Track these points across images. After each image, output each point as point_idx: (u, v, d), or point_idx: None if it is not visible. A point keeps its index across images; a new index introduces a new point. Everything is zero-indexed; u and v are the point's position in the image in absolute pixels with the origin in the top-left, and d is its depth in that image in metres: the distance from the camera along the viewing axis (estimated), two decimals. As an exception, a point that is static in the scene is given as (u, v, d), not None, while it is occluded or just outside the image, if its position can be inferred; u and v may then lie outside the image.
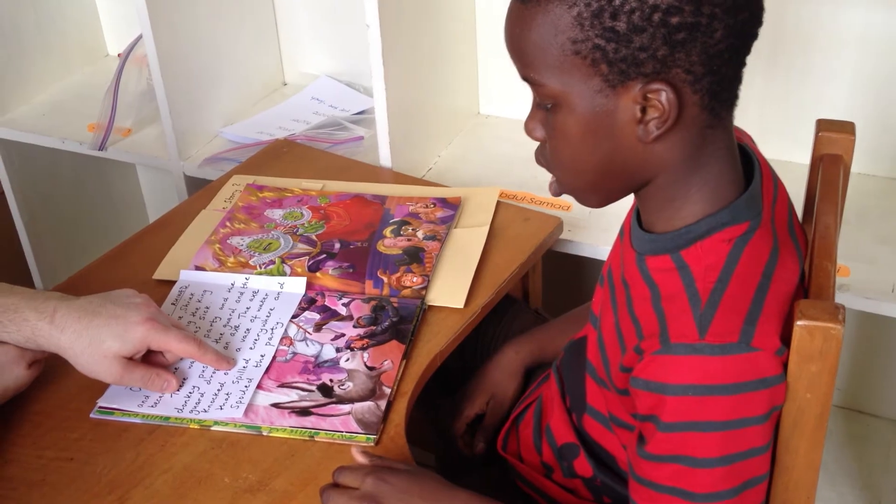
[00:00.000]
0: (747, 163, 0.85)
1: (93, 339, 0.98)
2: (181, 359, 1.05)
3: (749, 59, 0.79)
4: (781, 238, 0.83)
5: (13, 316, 0.98)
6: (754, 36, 0.78)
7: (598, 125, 0.78)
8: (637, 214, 0.87)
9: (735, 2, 0.74)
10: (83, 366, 0.99)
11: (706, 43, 0.74)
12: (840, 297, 1.23)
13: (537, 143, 0.86)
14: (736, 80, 0.79)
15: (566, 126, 0.80)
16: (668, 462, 0.79)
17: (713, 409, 0.76)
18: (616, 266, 0.90)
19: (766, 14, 0.79)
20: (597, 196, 0.85)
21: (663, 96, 0.75)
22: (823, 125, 1.00)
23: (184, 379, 1.04)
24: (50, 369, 1.05)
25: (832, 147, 0.99)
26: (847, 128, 1.00)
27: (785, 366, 0.78)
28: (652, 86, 0.75)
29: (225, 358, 1.06)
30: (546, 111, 0.81)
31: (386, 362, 1.06)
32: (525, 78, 0.81)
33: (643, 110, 0.77)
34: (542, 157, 0.86)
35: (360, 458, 0.91)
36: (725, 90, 0.79)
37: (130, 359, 1.01)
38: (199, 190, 1.42)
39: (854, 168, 1.02)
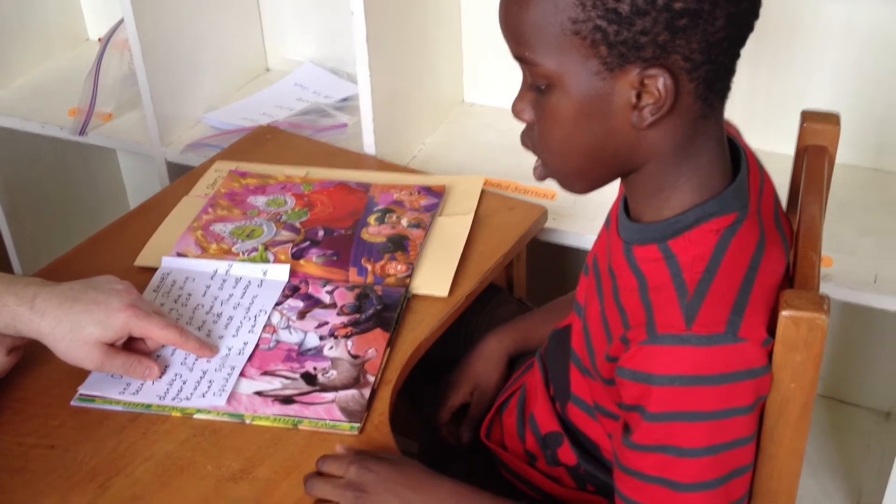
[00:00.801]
0: (734, 154, 0.84)
1: (73, 325, 0.97)
2: (163, 346, 1.05)
3: (736, 51, 0.79)
4: (768, 229, 0.83)
5: None
6: (751, 27, 0.78)
7: (593, 108, 0.77)
8: (624, 203, 0.87)
9: None
10: (63, 352, 0.98)
11: (707, 31, 0.74)
12: (823, 288, 1.23)
13: (522, 130, 0.86)
14: (731, 70, 0.79)
15: (559, 108, 0.78)
16: (654, 452, 0.79)
17: (699, 399, 0.76)
18: (602, 255, 0.90)
19: (753, 5, 0.79)
20: (583, 181, 0.84)
21: (660, 82, 0.75)
22: (808, 116, 1.00)
23: (166, 367, 1.04)
24: (30, 356, 1.04)
25: (817, 138, 1.00)
26: (832, 119, 1.00)
27: (770, 356, 0.78)
28: (650, 71, 0.75)
29: (207, 345, 1.05)
30: (537, 92, 0.80)
31: (370, 350, 1.06)
32: (519, 57, 0.80)
33: (638, 96, 0.76)
34: (529, 140, 0.84)
35: (342, 451, 0.91)
36: (720, 80, 0.78)
37: (112, 346, 1.00)
38: (182, 176, 1.41)
39: (838, 159, 1.02)
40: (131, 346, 1.03)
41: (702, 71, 0.75)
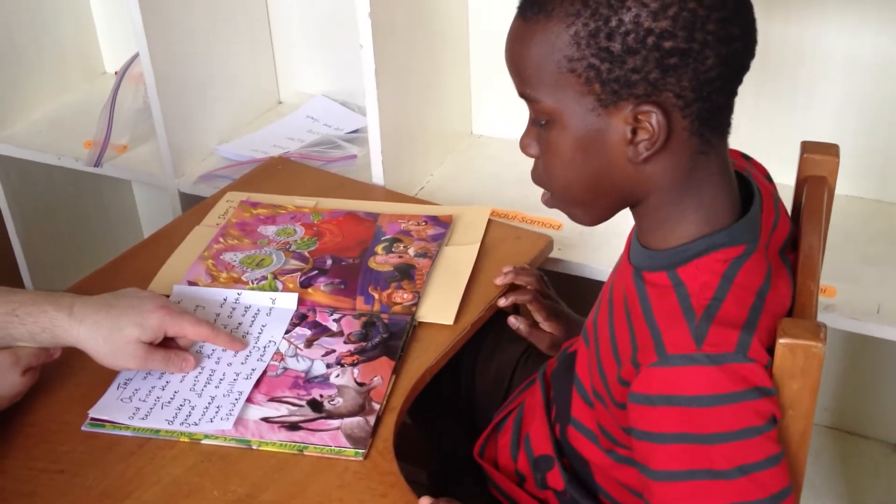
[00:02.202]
0: (748, 189, 0.86)
1: (112, 328, 1.02)
2: (193, 343, 1.11)
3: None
4: (774, 263, 0.84)
5: (31, 308, 1.02)
6: (746, 67, 0.80)
7: (590, 143, 0.80)
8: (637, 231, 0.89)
9: (728, 33, 0.76)
10: (105, 354, 1.03)
11: (697, 69, 0.76)
12: (826, 318, 1.24)
13: (530, 163, 0.88)
14: (727, 108, 0.81)
15: (558, 142, 0.82)
16: (685, 480, 0.78)
17: (715, 420, 0.76)
18: (616, 282, 0.92)
19: (753, 36, 0.81)
20: (588, 214, 0.87)
21: (653, 118, 0.77)
22: (808, 147, 1.01)
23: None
24: (43, 382, 1.06)
25: (817, 169, 1.01)
26: (832, 150, 1.01)
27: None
28: (642, 107, 0.77)
29: (238, 340, 1.11)
30: (540, 128, 0.83)
31: (376, 378, 1.07)
32: (522, 94, 0.83)
33: (633, 131, 0.79)
34: (538, 175, 0.88)
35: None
36: (715, 117, 0.80)
37: (150, 344, 1.05)
38: (194, 206, 1.44)
39: (840, 190, 1.03)
40: (166, 344, 1.09)
41: (694, 108, 0.78)
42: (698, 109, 0.78)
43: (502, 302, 1.19)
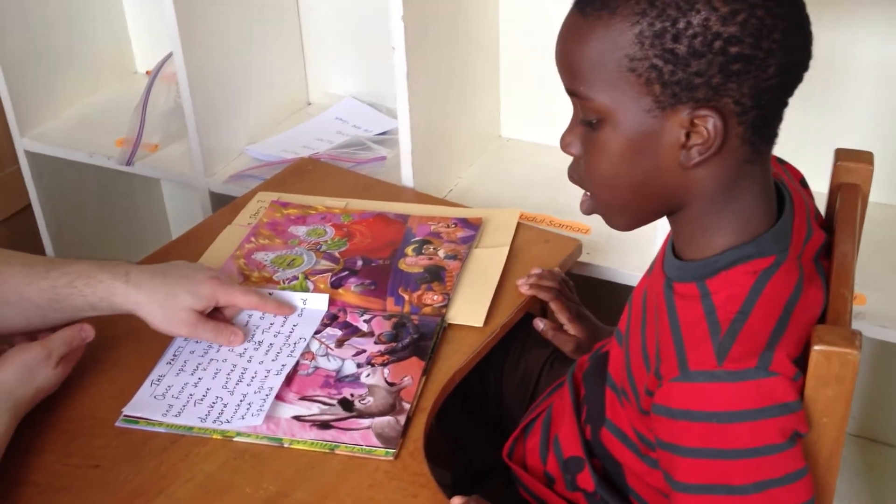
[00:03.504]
0: (780, 198, 0.86)
1: (168, 294, 1.06)
2: (239, 317, 1.14)
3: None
4: (807, 272, 0.84)
5: (88, 280, 1.04)
6: (800, 78, 0.80)
7: (642, 145, 0.80)
8: (672, 240, 0.89)
9: (790, 42, 0.77)
10: (160, 320, 1.06)
11: (759, 77, 0.76)
12: (856, 325, 1.24)
13: (559, 166, 0.88)
14: (778, 118, 0.81)
15: (609, 142, 0.81)
16: (704, 493, 0.79)
17: (733, 436, 0.77)
18: (650, 290, 0.92)
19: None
20: (627, 217, 0.86)
21: (710, 123, 0.77)
22: (842, 154, 1.01)
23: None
24: (77, 378, 1.07)
25: (850, 176, 1.01)
26: (865, 157, 1.01)
27: (801, 392, 0.79)
28: (700, 112, 0.77)
29: (287, 305, 1.16)
30: (587, 127, 0.82)
31: (406, 378, 1.08)
32: (573, 91, 0.82)
33: (687, 135, 0.78)
34: (576, 174, 0.87)
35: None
36: (767, 126, 0.81)
37: (201, 314, 1.08)
38: (224, 206, 1.45)
39: (872, 198, 1.03)
40: (214, 316, 1.11)
41: (751, 115, 0.78)
42: (754, 117, 0.78)
43: (524, 289, 1.20)
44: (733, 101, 0.77)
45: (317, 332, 1.15)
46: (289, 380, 1.08)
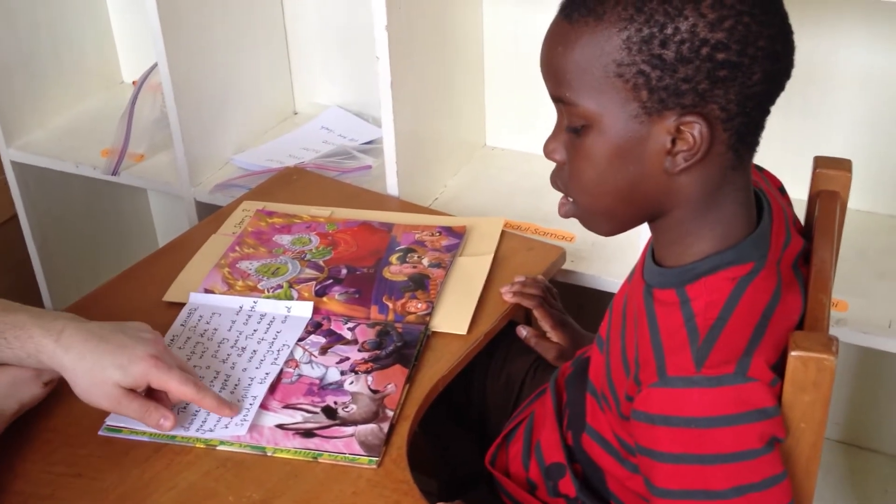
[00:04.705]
0: (759, 205, 0.87)
1: (95, 363, 0.98)
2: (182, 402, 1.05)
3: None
4: (786, 278, 0.84)
5: (18, 332, 0.99)
6: (783, 87, 0.81)
7: (628, 150, 0.80)
8: (652, 247, 0.89)
9: (775, 50, 0.78)
10: (82, 388, 0.99)
11: (744, 83, 0.77)
12: (838, 332, 1.25)
13: (543, 175, 0.88)
14: (761, 125, 0.82)
15: (594, 148, 0.81)
16: (683, 498, 0.79)
17: (711, 441, 0.77)
18: (630, 296, 0.92)
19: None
20: (610, 223, 0.87)
21: (696, 129, 0.77)
22: (821, 162, 1.02)
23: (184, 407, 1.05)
24: (61, 387, 1.07)
25: (829, 184, 1.01)
26: (844, 165, 1.02)
27: (779, 398, 0.79)
28: (687, 118, 0.77)
29: (227, 404, 1.03)
30: (571, 133, 0.82)
31: (389, 386, 1.08)
32: (558, 97, 0.82)
33: (673, 141, 0.79)
34: (560, 180, 0.87)
35: None
36: (751, 133, 0.81)
37: (131, 391, 1.00)
38: (210, 215, 1.45)
39: (854, 205, 1.04)
40: (154, 394, 1.03)
41: (736, 122, 0.78)
42: (739, 124, 0.79)
43: (508, 297, 1.20)
44: (719, 107, 0.77)
45: (300, 340, 1.15)
46: (272, 388, 1.08)
